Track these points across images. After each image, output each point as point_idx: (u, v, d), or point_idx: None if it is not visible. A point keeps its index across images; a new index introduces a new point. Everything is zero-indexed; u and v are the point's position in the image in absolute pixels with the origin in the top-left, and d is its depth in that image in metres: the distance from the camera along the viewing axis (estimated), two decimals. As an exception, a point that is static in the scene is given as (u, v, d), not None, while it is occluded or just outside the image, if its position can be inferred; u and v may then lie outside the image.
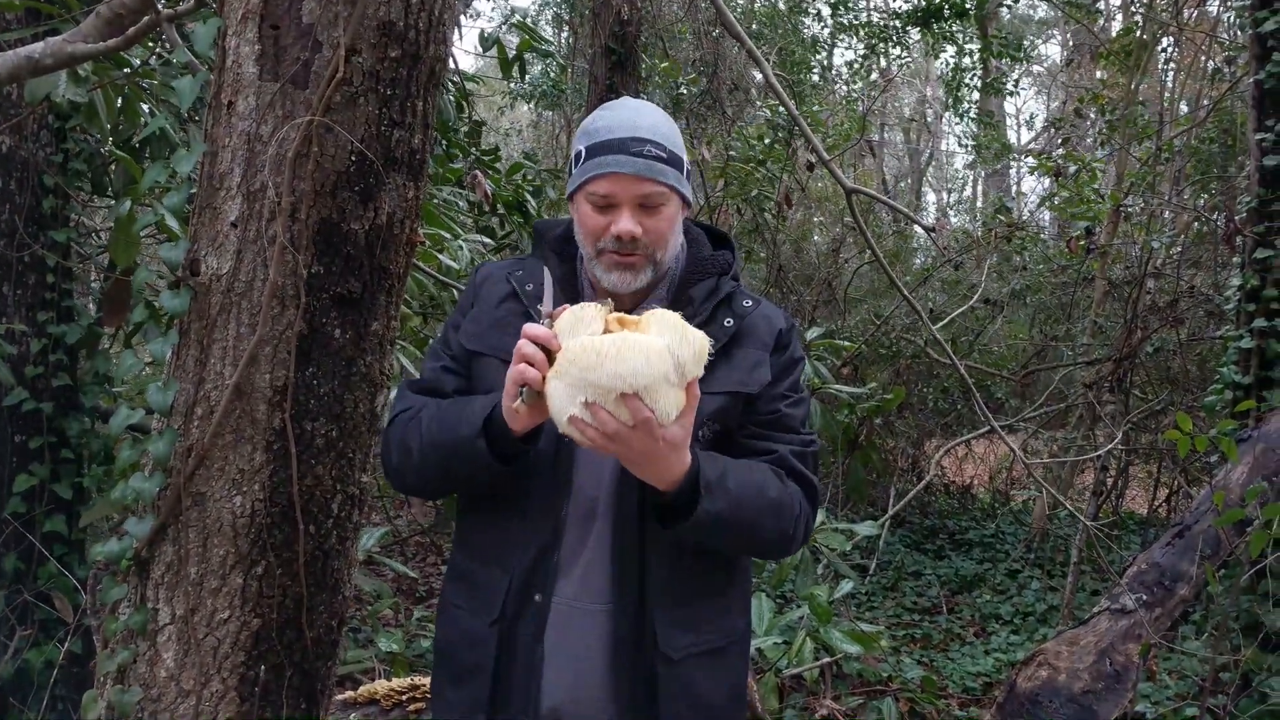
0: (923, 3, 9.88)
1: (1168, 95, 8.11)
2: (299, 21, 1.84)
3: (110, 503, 1.90)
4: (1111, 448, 6.31)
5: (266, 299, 1.83)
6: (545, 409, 1.42)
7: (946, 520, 8.54)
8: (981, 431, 6.91)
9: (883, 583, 6.93)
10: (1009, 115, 21.46)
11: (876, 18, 11.68)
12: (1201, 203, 6.81)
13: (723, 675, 1.68)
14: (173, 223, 1.89)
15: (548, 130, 13.96)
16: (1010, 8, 11.53)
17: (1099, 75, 10.72)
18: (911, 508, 8.09)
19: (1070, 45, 15.61)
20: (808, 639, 3.59)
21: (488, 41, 4.23)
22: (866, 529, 3.94)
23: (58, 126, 3.82)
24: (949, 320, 7.47)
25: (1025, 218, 9.97)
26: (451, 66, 4.06)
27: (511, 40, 4.29)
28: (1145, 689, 4.58)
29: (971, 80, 11.50)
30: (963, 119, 11.96)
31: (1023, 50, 10.96)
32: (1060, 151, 8.59)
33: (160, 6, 2.10)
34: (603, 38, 7.28)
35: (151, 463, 1.88)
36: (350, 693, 2.89)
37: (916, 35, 10.86)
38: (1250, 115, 4.39)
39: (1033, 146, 16.58)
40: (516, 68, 4.24)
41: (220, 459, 1.87)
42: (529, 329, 1.43)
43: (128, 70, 3.11)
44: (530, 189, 4.86)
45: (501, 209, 4.64)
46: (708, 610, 1.67)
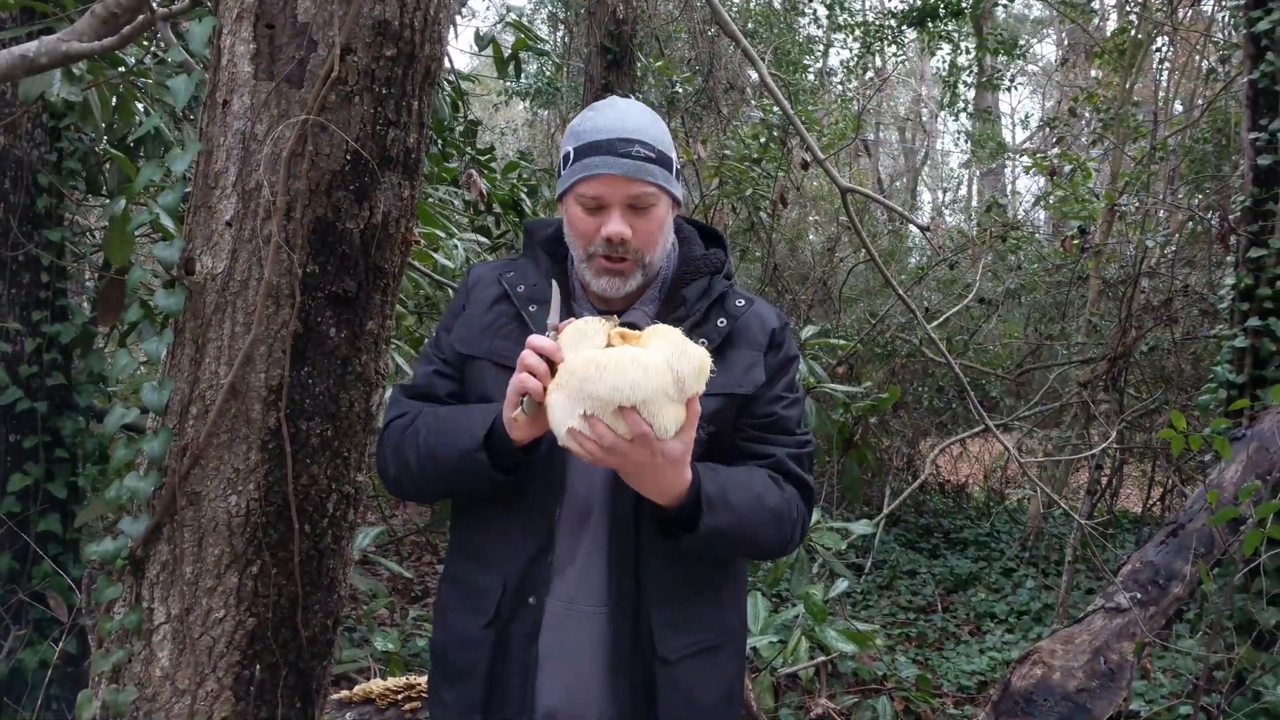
0: (918, 2, 9.89)
1: (1162, 94, 8.12)
2: (294, 20, 1.84)
3: (105, 502, 1.90)
4: (1106, 446, 6.32)
5: (261, 298, 1.83)
6: (545, 420, 1.43)
7: (941, 519, 8.55)
8: (976, 430, 6.91)
9: (878, 581, 6.94)
10: (1004, 115, 21.49)
11: (872, 17, 11.69)
12: (1196, 202, 6.82)
13: (719, 673, 1.68)
14: (168, 222, 1.89)
15: (543, 129, 13.94)
16: (1006, 7, 11.54)
17: (1094, 74, 10.73)
18: (907, 506, 8.10)
19: (1065, 44, 15.62)
20: (803, 638, 3.59)
21: (483, 41, 4.23)
22: (861, 528, 3.95)
23: (52, 125, 3.81)
24: (944, 319, 7.46)
25: (1020, 217, 9.97)
26: (447, 66, 4.05)
27: (507, 39, 4.28)
28: (1139, 687, 4.59)
29: (969, 78, 11.51)
30: (957, 117, 11.98)
31: (1018, 47, 10.98)
32: (1055, 151, 8.59)
33: (155, 5, 2.10)
34: (598, 37, 7.27)
35: (146, 462, 1.88)
36: (345, 692, 2.88)
37: (912, 35, 10.87)
38: (1244, 115, 4.40)
39: (1028, 146, 16.59)
40: (512, 67, 4.24)
41: (215, 458, 1.87)
42: (534, 340, 1.43)
43: (122, 69, 3.11)
44: (526, 188, 4.85)
45: (497, 208, 4.64)
46: (702, 608, 1.67)
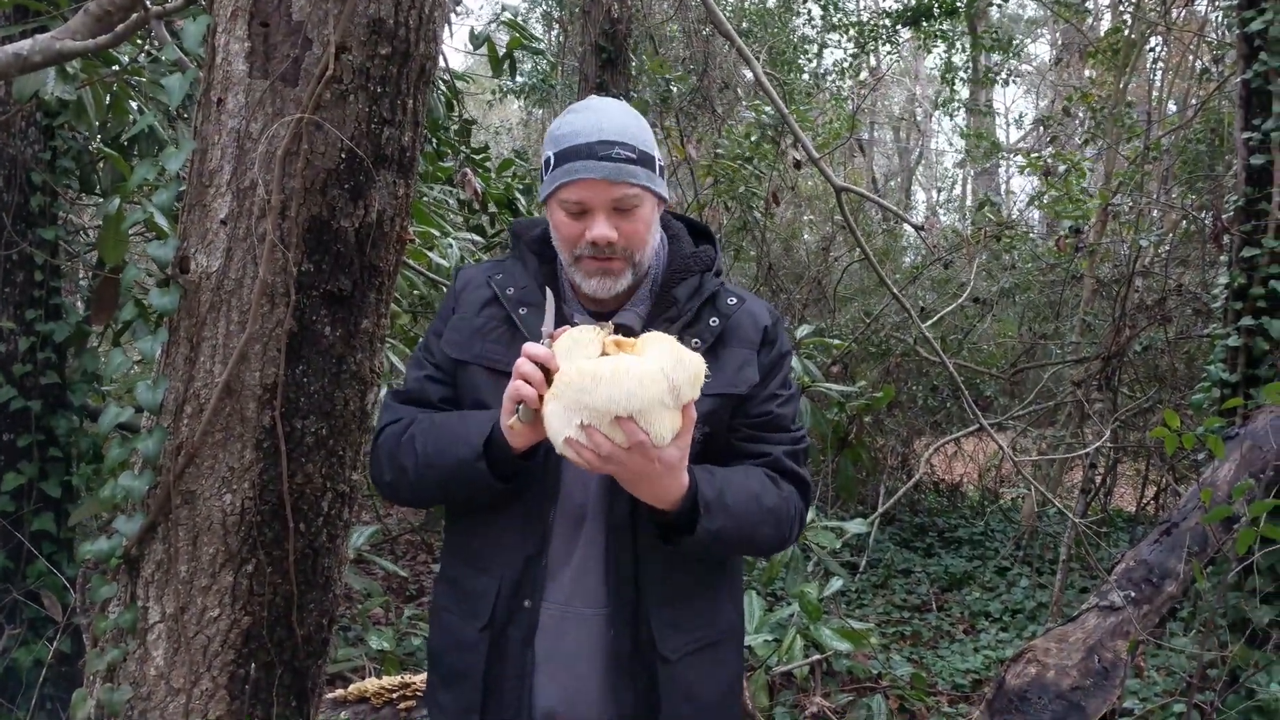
0: (913, 1, 9.89)
1: (1156, 94, 8.13)
2: (289, 19, 1.84)
3: (99, 501, 1.90)
4: (1100, 445, 6.34)
5: (256, 296, 1.83)
6: (543, 428, 1.43)
7: (936, 518, 8.56)
8: (971, 429, 6.92)
9: (872, 580, 6.95)
10: (998, 114, 21.53)
11: (866, 16, 11.70)
12: (1189, 202, 6.83)
13: (720, 669, 1.68)
14: (162, 220, 1.88)
15: (538, 128, 13.95)
16: (1000, 6, 11.57)
17: (1088, 74, 10.75)
18: (901, 505, 8.11)
19: (1059, 44, 15.65)
20: (798, 636, 3.59)
21: (478, 39, 4.23)
22: (856, 527, 3.95)
23: (46, 124, 3.80)
24: (938, 318, 7.47)
25: (1014, 216, 9.98)
26: (441, 64, 4.05)
27: (501, 38, 4.29)
28: (1133, 685, 4.61)
29: (965, 75, 11.52)
30: (952, 116, 11.99)
31: (1013, 46, 11.00)
32: (1050, 151, 8.60)
33: (149, 3, 2.09)
34: (593, 35, 7.27)
35: (141, 461, 1.88)
36: (341, 691, 2.88)
37: (907, 34, 10.88)
38: (1237, 114, 4.41)
39: (1022, 145, 16.62)
40: (507, 66, 4.24)
41: (210, 457, 1.87)
42: (529, 348, 1.43)
43: (116, 67, 3.11)
44: (520, 187, 4.85)
45: (492, 207, 4.63)
46: (702, 606, 1.67)
